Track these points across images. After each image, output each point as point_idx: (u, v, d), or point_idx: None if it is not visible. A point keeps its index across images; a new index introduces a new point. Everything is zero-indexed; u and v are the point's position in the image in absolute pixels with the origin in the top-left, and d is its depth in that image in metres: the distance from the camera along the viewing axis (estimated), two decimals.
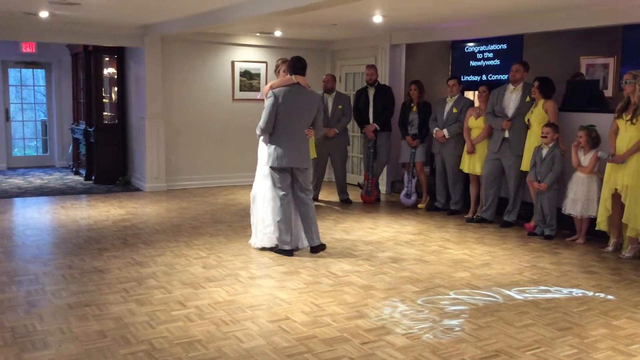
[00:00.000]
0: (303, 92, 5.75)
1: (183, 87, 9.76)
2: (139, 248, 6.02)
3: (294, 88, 5.73)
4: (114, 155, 10.39)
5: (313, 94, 5.87)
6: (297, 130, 5.74)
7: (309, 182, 5.93)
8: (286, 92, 5.69)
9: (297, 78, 5.75)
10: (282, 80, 5.82)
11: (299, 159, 5.74)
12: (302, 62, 5.83)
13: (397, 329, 4.01)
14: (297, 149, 5.73)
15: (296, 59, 5.83)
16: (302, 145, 5.78)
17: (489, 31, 8.10)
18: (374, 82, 8.56)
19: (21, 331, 3.86)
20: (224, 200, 8.81)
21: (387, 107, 8.51)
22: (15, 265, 5.40)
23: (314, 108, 5.79)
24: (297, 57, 5.89)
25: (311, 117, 5.81)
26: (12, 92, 12.55)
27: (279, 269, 5.36)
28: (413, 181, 8.26)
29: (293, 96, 5.69)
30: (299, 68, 5.78)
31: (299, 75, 5.77)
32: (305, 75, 5.84)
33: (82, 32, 9.10)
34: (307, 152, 5.84)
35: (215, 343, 3.73)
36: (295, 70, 5.77)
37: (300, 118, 5.74)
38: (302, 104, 5.71)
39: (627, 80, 5.82)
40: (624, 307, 4.51)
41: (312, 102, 5.79)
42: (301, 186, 5.83)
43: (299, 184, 5.82)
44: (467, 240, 6.55)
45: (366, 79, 8.63)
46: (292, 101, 5.68)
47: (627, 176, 5.78)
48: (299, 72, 5.77)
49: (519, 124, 6.95)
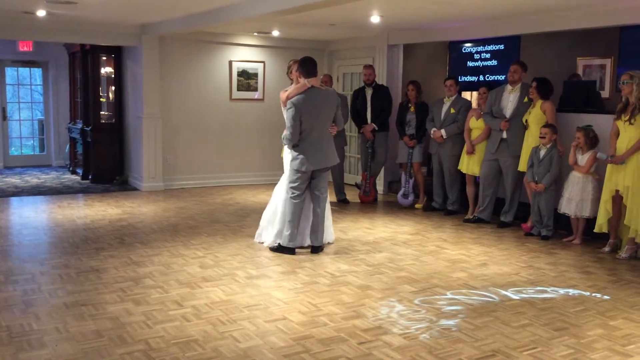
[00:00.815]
0: (319, 93, 5.77)
1: (180, 86, 9.75)
2: (135, 247, 6.01)
3: (310, 92, 5.72)
4: (111, 155, 10.38)
5: (328, 92, 5.92)
6: (321, 132, 5.79)
7: (326, 180, 5.97)
8: (304, 99, 5.69)
9: (310, 81, 5.74)
10: (298, 88, 5.77)
11: (325, 160, 5.85)
12: (312, 62, 5.80)
13: (394, 329, 4.01)
14: (322, 151, 5.82)
15: (305, 61, 5.80)
16: (327, 145, 5.86)
17: (486, 32, 8.11)
18: (372, 82, 8.56)
19: (17, 330, 3.85)
20: (222, 200, 8.80)
21: (385, 107, 8.52)
22: (11, 264, 5.38)
23: (332, 106, 5.85)
24: (305, 58, 5.86)
25: (331, 116, 5.86)
26: (9, 91, 12.54)
27: (276, 269, 5.36)
28: (410, 181, 8.27)
29: (311, 101, 5.70)
30: (311, 69, 5.76)
31: (312, 78, 5.75)
32: (317, 72, 5.85)
33: (80, 31, 9.09)
34: (332, 151, 5.90)
35: (212, 343, 3.73)
36: (308, 73, 5.74)
37: (321, 120, 5.78)
38: (321, 106, 5.74)
39: (624, 80, 5.83)
40: (620, 307, 4.52)
41: (331, 101, 5.84)
42: (317, 185, 5.90)
43: (316, 182, 5.89)
44: (464, 241, 6.56)
45: (364, 79, 8.63)
46: (311, 106, 5.70)
47: (628, 177, 5.78)
48: (312, 74, 5.75)
49: (516, 124, 6.96)
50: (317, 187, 5.89)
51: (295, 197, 5.81)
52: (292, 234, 5.81)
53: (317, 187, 5.89)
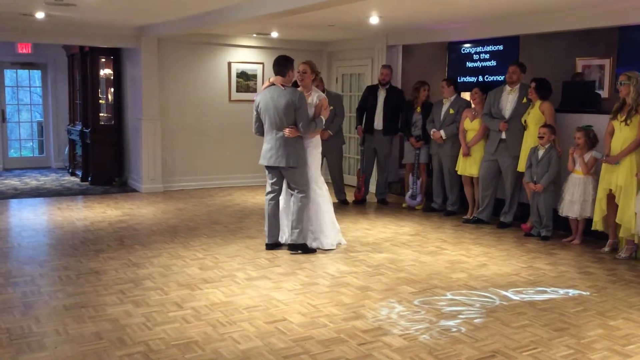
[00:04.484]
0: (276, 92, 5.82)
1: (179, 88, 9.75)
2: (135, 249, 6.01)
3: (269, 89, 5.89)
4: (110, 157, 10.38)
5: (287, 92, 5.79)
6: (276, 130, 5.83)
7: (298, 181, 5.91)
8: (263, 95, 5.92)
9: (273, 79, 5.90)
10: (265, 85, 6.02)
11: (272, 159, 5.88)
12: (278, 61, 5.91)
13: (394, 329, 4.01)
14: (272, 149, 5.86)
15: (275, 60, 5.96)
16: (279, 144, 5.82)
17: (485, 32, 8.11)
18: (387, 83, 8.50)
19: (17, 333, 3.85)
20: (221, 202, 8.80)
21: (401, 111, 8.40)
22: (11, 266, 5.38)
23: (288, 106, 5.74)
24: (277, 57, 5.99)
25: (288, 116, 5.77)
26: (8, 93, 12.54)
27: (275, 270, 5.36)
28: (418, 182, 8.24)
29: (268, 98, 5.86)
30: (276, 69, 5.90)
31: (276, 76, 5.89)
32: (287, 72, 5.85)
33: (79, 33, 9.09)
34: (283, 151, 5.81)
35: (211, 344, 3.72)
36: (275, 72, 5.92)
37: (276, 118, 5.80)
38: (275, 104, 5.78)
39: (621, 81, 5.85)
40: (620, 307, 4.52)
41: (285, 101, 5.75)
42: (288, 184, 6.01)
43: (287, 182, 6.01)
44: (464, 241, 6.56)
45: (380, 78, 8.52)
46: (267, 102, 5.84)
47: (621, 177, 5.81)
48: (277, 73, 5.89)
49: (515, 125, 6.96)
50: (288, 185, 6.03)
51: (266, 194, 6.12)
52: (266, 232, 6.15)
53: (288, 185, 6.02)
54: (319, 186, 6.11)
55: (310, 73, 6.07)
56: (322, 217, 6.09)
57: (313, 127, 5.88)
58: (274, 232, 6.10)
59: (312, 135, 5.99)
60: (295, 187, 5.93)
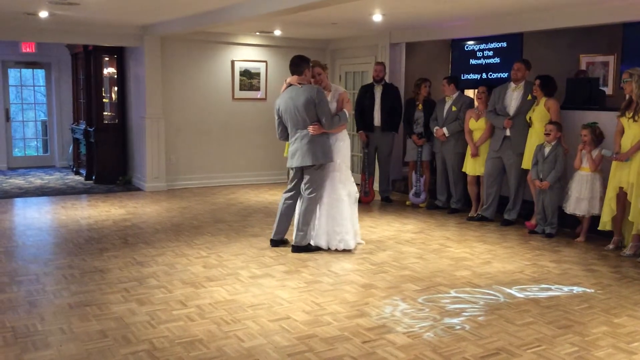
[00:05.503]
0: (294, 91, 5.79)
1: (183, 86, 9.76)
2: (139, 248, 6.02)
3: (288, 91, 5.84)
4: (114, 155, 10.40)
5: (304, 89, 5.75)
6: (300, 130, 5.78)
7: (314, 180, 5.86)
8: (282, 97, 5.87)
9: (289, 79, 5.86)
10: (283, 87, 5.94)
11: (297, 159, 5.82)
12: (292, 60, 5.88)
13: (398, 327, 4.01)
14: (300, 149, 5.78)
15: (290, 60, 5.91)
16: (302, 144, 5.77)
17: (488, 29, 8.08)
18: (381, 80, 8.48)
19: (22, 331, 3.86)
20: (225, 200, 8.81)
21: (397, 108, 8.42)
22: (15, 265, 5.40)
23: (307, 103, 5.69)
24: (293, 57, 5.94)
25: (309, 112, 5.73)
26: (12, 92, 12.56)
27: (279, 268, 5.36)
28: (421, 180, 8.23)
29: (287, 98, 5.82)
30: (291, 68, 5.86)
31: (292, 76, 5.85)
32: (303, 70, 5.81)
33: (82, 32, 9.11)
34: (306, 150, 5.75)
35: (216, 342, 3.73)
36: (290, 71, 5.88)
37: (298, 117, 5.76)
38: (295, 103, 5.75)
39: (624, 79, 5.87)
40: (624, 304, 4.51)
41: (304, 98, 5.70)
42: (304, 183, 5.93)
43: (304, 180, 5.92)
44: (468, 239, 6.55)
45: (373, 75, 8.51)
46: (287, 103, 5.80)
47: (633, 174, 5.77)
48: (292, 73, 5.85)
49: (520, 122, 6.94)
50: (303, 183, 5.93)
51: (283, 193, 6.10)
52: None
53: (304, 184, 5.93)
54: (347, 185, 5.99)
55: (324, 72, 6.06)
56: (349, 217, 5.99)
57: (337, 122, 5.82)
58: (281, 229, 6.09)
59: (338, 130, 5.92)
60: (308, 187, 5.87)
